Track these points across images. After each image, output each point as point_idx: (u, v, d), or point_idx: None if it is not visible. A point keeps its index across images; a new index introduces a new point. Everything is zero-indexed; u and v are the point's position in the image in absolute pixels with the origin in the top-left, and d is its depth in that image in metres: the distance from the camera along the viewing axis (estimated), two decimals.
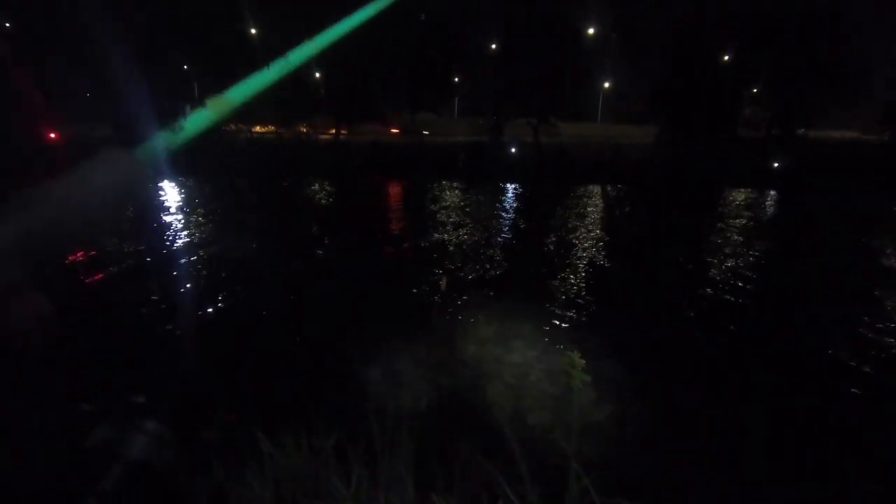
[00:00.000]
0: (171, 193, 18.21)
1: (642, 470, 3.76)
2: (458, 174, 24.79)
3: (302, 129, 31.86)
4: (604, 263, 10.37)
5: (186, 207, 15.65)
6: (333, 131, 32.28)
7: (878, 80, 31.46)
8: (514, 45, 29.99)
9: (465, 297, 7.93)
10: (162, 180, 19.89)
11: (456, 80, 34.07)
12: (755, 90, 31.06)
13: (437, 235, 12.63)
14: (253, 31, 26.96)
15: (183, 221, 13.27)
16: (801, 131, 31.50)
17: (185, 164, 21.34)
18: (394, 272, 9.41)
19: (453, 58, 31.07)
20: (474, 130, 33.30)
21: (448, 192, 20.74)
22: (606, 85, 35.96)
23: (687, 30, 30.49)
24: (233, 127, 29.51)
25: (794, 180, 26.10)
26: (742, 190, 23.69)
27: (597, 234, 13.39)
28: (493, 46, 31.53)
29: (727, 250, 12.08)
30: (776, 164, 29.09)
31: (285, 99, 28.30)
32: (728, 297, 8.63)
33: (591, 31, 32.17)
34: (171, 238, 11.35)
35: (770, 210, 19.79)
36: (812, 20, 28.28)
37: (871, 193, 23.49)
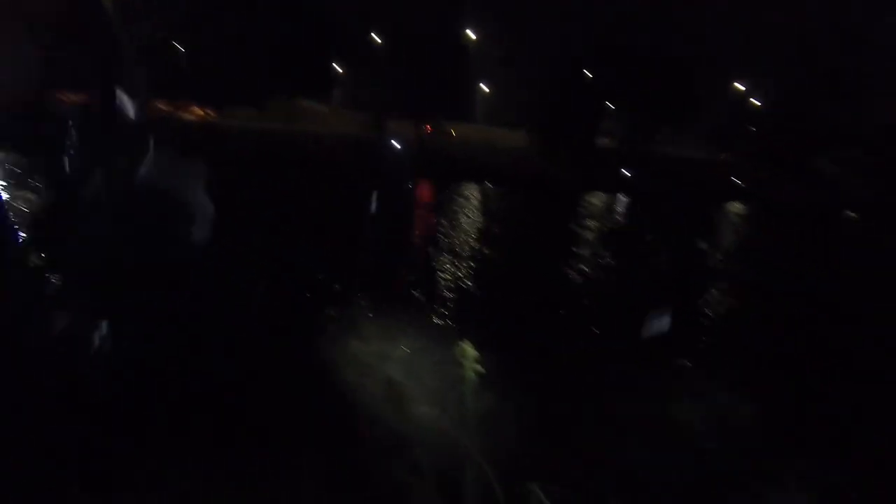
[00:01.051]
0: None
1: None
2: (337, 168, 24.07)
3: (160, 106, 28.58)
4: (460, 256, 10.80)
5: None
6: (202, 112, 29.49)
7: (711, 106, 37.15)
8: (399, 42, 30.07)
9: None
10: None
11: (340, 70, 33.14)
12: (612, 105, 34.79)
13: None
14: None
15: None
16: (649, 146, 35.92)
17: None
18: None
19: (333, 45, 30.20)
20: (358, 124, 32.70)
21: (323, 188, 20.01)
22: (488, 89, 37.52)
23: (555, 51, 33.33)
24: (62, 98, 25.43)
25: (642, 188, 29.71)
26: (599, 194, 26.36)
27: (465, 230, 13.90)
28: (379, 40, 31.23)
29: (577, 246, 13.33)
30: (628, 174, 32.85)
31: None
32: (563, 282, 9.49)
33: (475, 36, 33.39)
34: None
35: (619, 214, 22.33)
36: (657, 51, 32.51)
37: (704, 202, 27.63)
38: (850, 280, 12.73)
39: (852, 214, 32.23)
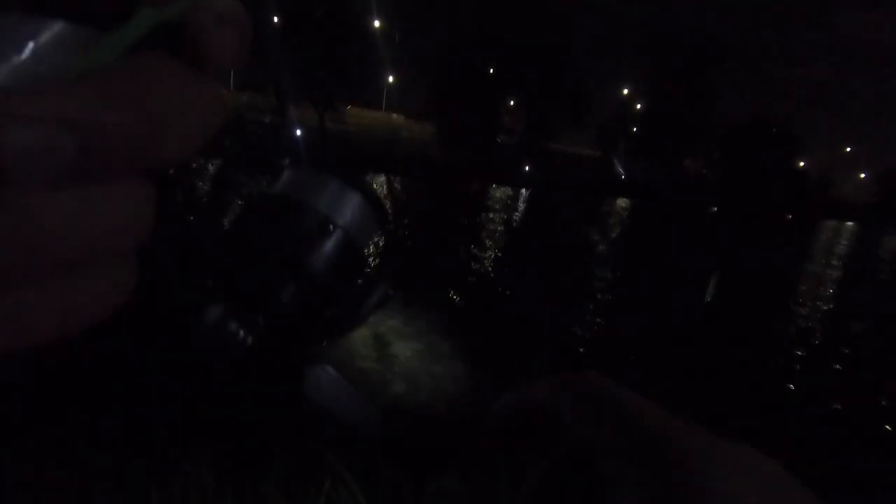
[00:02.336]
0: None
1: None
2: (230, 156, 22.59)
3: None
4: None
5: None
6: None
7: (598, 108, 40.26)
8: (298, 21, 28.81)
9: None
10: None
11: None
12: (511, 101, 36.39)
13: None
14: None
15: None
16: (545, 143, 38.14)
17: None
18: None
19: None
20: (254, 108, 30.87)
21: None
22: (391, 77, 37.37)
23: (457, 43, 34.04)
24: None
25: (540, 182, 31.53)
26: (502, 188, 27.56)
27: None
28: (276, 19, 29.62)
29: (483, 236, 13.91)
30: (527, 168, 34.64)
31: None
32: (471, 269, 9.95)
33: (377, 22, 32.96)
34: None
35: (521, 205, 23.54)
36: (548, 51, 34.58)
37: (588, 195, 29.96)
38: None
39: (714, 208, 36.92)
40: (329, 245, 0.39)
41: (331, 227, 0.39)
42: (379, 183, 22.22)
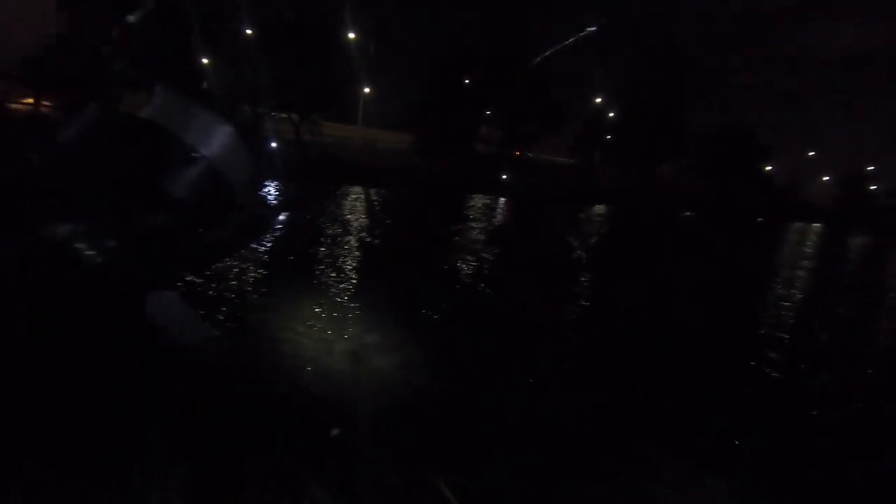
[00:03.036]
0: None
1: None
2: None
3: None
4: (358, 254, 10.72)
5: None
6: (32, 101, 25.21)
7: (573, 117, 40.95)
8: (275, 36, 28.65)
9: None
10: None
11: (204, 60, 30.56)
12: (488, 112, 36.80)
13: None
14: None
15: None
16: (521, 152, 38.63)
17: None
18: None
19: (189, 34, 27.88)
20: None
21: None
22: (367, 90, 37.31)
23: (435, 55, 34.38)
24: None
25: (517, 190, 31.80)
26: (479, 196, 27.68)
27: (356, 227, 13.74)
28: (249, 32, 29.37)
29: (464, 241, 13.91)
30: (504, 176, 34.93)
31: None
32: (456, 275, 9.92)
33: (352, 35, 32.94)
34: None
35: (499, 212, 23.66)
36: (523, 63, 35.11)
37: (565, 202, 30.32)
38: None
39: (688, 213, 37.74)
40: (192, 174, 0.39)
41: (195, 156, 0.38)
42: (356, 193, 22.09)
